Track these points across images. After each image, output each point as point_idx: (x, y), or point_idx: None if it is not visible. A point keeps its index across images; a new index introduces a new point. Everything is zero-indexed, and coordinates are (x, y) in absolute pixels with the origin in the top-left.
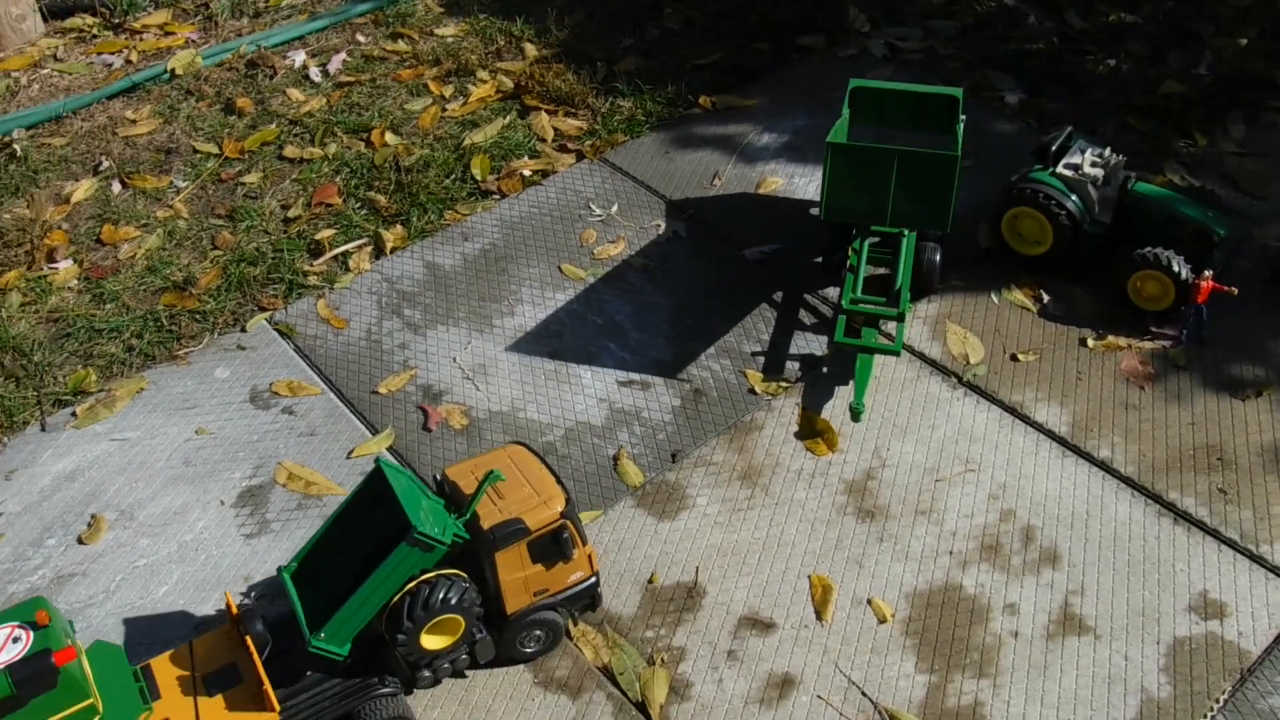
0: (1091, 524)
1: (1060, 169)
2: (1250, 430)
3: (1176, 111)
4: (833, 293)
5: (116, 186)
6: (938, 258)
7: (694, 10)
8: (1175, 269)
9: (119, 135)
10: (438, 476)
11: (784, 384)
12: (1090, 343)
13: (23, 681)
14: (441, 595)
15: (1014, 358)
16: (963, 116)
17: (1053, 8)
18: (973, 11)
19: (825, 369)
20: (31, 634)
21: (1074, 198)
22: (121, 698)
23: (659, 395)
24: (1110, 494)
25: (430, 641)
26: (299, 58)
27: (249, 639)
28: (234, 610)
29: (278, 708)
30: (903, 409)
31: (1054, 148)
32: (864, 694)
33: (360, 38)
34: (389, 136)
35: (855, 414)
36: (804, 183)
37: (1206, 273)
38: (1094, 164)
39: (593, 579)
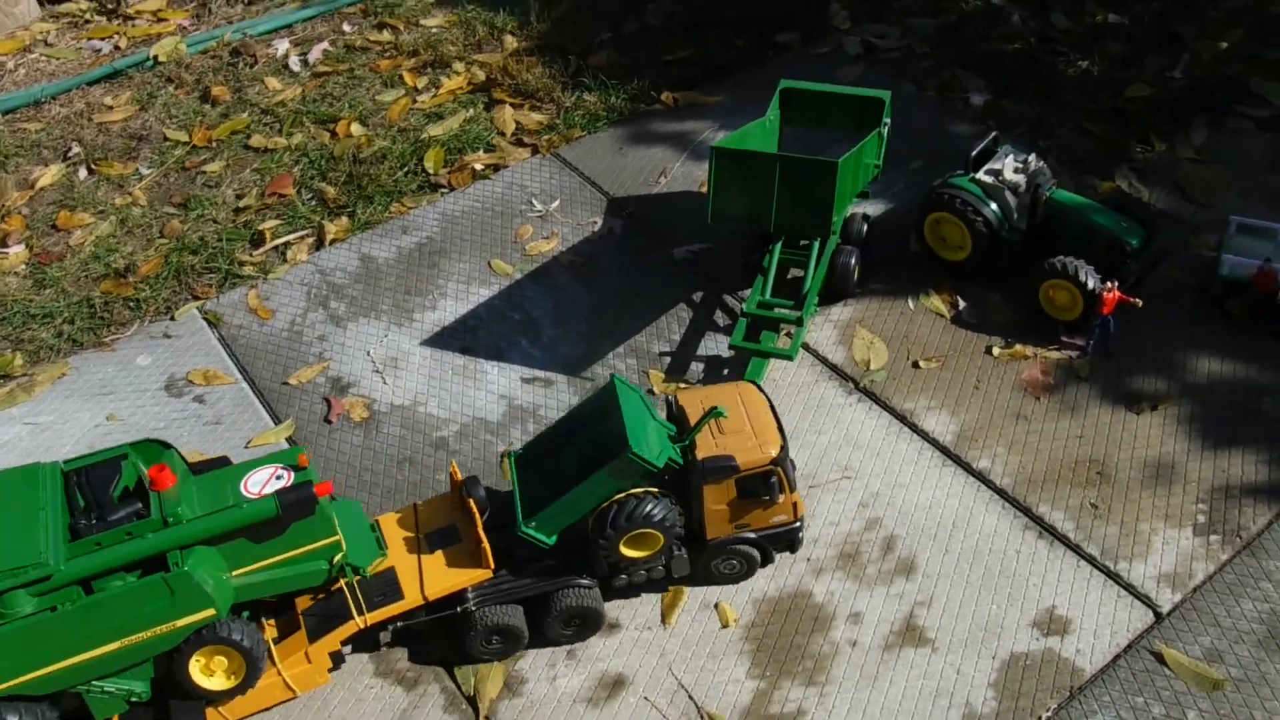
0: (955, 535)
1: (981, 175)
2: (1137, 445)
3: (1140, 115)
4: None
5: (83, 173)
6: (853, 261)
7: (678, 4)
8: (1083, 279)
9: (94, 121)
10: (670, 399)
11: (684, 384)
12: (996, 351)
13: (287, 505)
14: (646, 511)
15: (916, 364)
16: (886, 120)
17: (1039, 7)
18: (957, 9)
19: (726, 371)
20: (293, 474)
21: (992, 205)
22: (361, 543)
23: (559, 393)
24: (981, 506)
25: (630, 550)
26: (283, 46)
27: (471, 501)
28: (458, 477)
29: (492, 566)
30: (794, 413)
31: (974, 153)
32: (690, 697)
33: (346, 27)
34: (355, 128)
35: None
36: None
37: (1110, 284)
38: (1016, 170)
39: (795, 524)
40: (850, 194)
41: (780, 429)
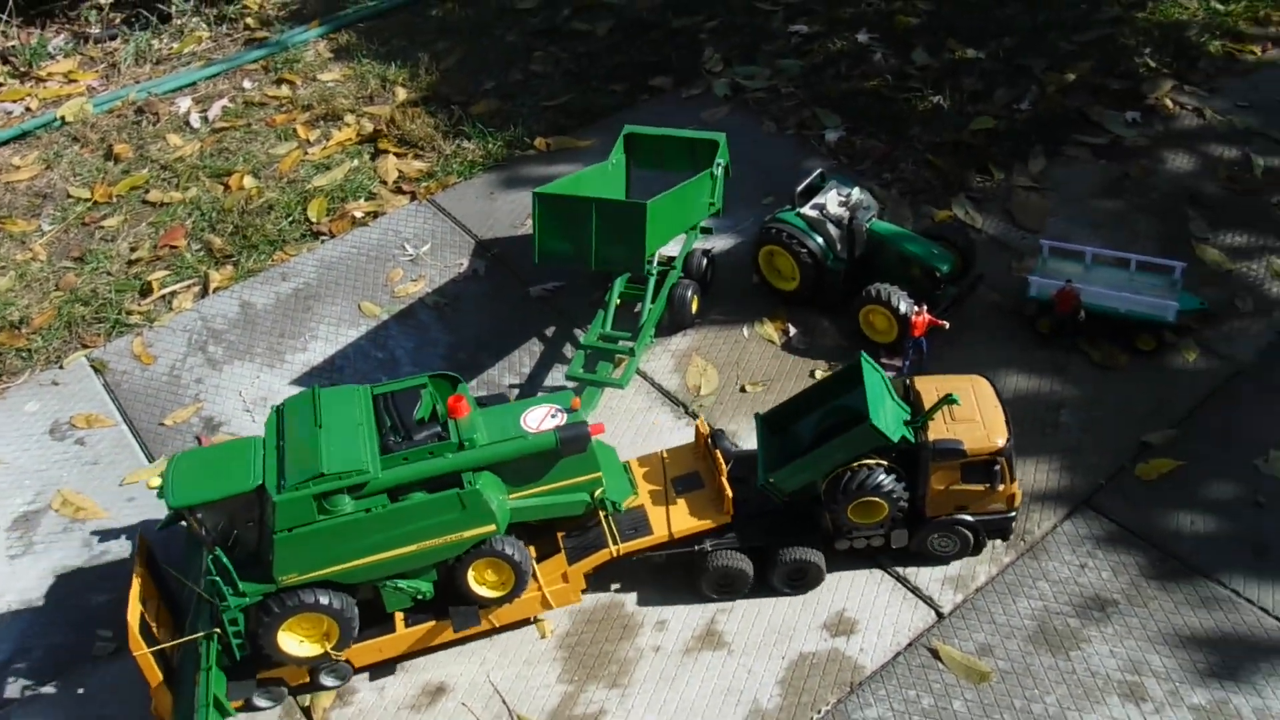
0: None
1: (806, 210)
2: None
3: (981, 148)
4: None
5: None
6: (690, 294)
7: (564, 53)
8: (895, 303)
9: (1, 181)
10: (908, 383)
11: None
12: (818, 374)
13: (565, 440)
14: (877, 480)
15: (743, 389)
16: (719, 161)
17: (903, 45)
18: (824, 50)
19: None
20: (565, 415)
21: (816, 237)
22: (617, 482)
23: None
24: None
25: (856, 515)
26: (185, 104)
27: (718, 452)
28: (705, 430)
29: (731, 513)
30: (625, 437)
31: (800, 189)
32: (504, 702)
33: (247, 83)
34: (247, 180)
35: None
36: None
37: (920, 308)
38: (840, 204)
39: (1010, 514)
40: (669, 233)
41: (1008, 421)
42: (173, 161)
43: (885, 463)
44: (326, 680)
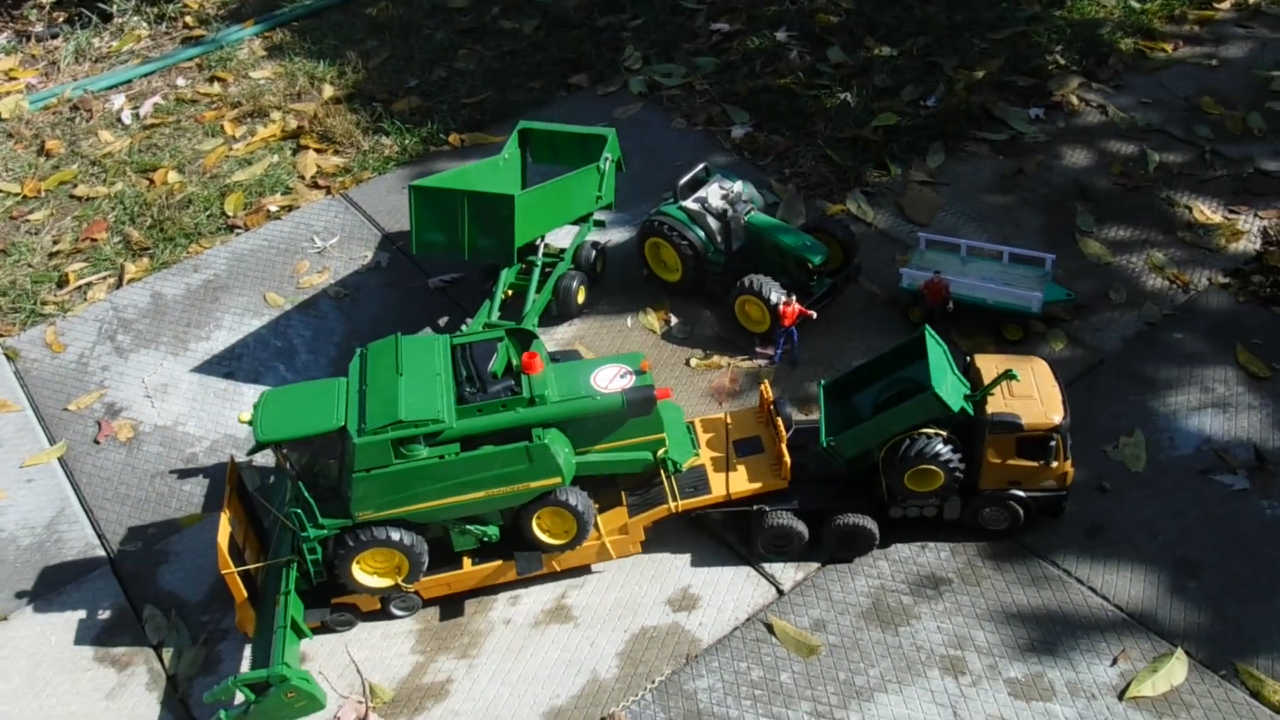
0: None
1: (687, 203)
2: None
3: (881, 143)
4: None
5: None
6: (575, 285)
7: (488, 51)
8: (765, 293)
9: None
10: (968, 358)
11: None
12: (694, 362)
13: (632, 403)
14: (935, 450)
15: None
16: (606, 156)
17: (820, 43)
18: (742, 48)
19: None
20: (634, 376)
21: (697, 230)
22: (680, 442)
23: None
24: None
25: (912, 483)
26: (118, 101)
27: (779, 419)
28: (769, 396)
29: (789, 479)
30: None
31: (682, 182)
32: (358, 671)
33: (180, 81)
34: (172, 175)
35: None
36: None
37: (786, 299)
38: (722, 197)
39: (1062, 492)
40: (547, 224)
41: (1064, 400)
42: (102, 157)
43: (944, 433)
44: (397, 610)
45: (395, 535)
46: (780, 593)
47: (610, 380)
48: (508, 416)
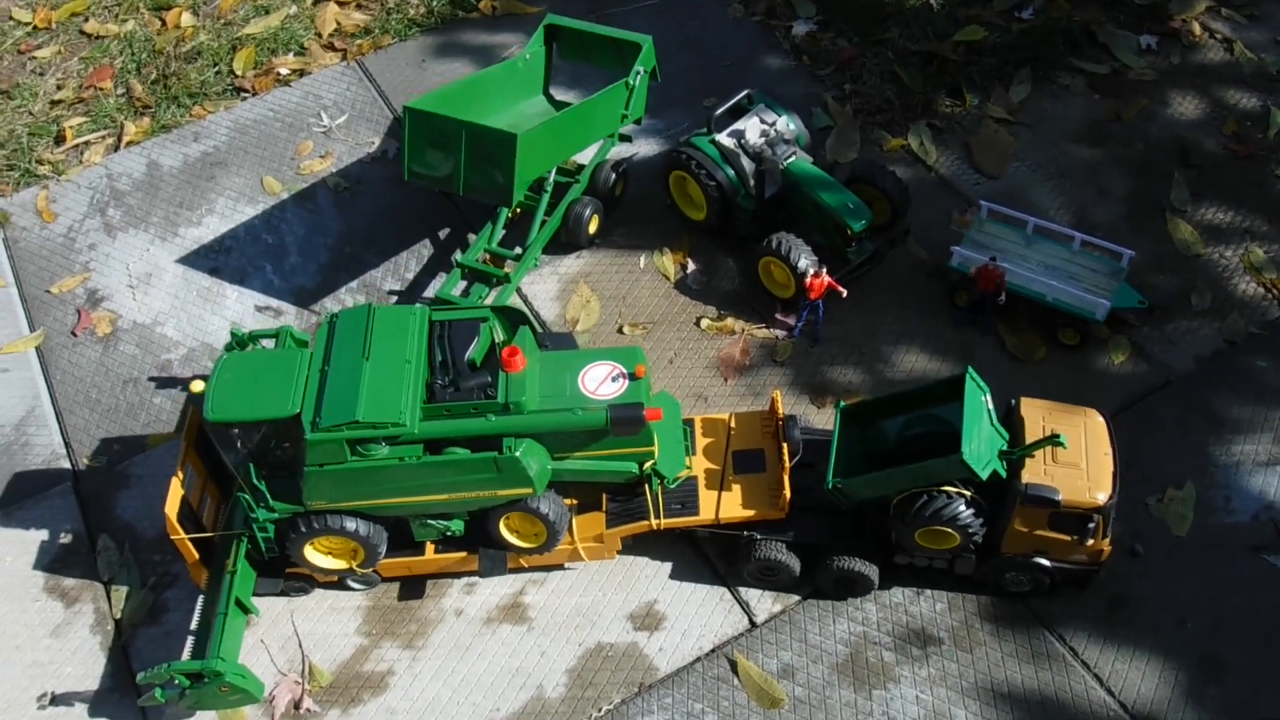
0: None
1: (722, 137)
2: None
3: (959, 64)
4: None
5: None
6: (588, 213)
7: None
8: (794, 260)
9: None
10: (1013, 401)
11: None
12: (705, 323)
13: (617, 421)
14: (955, 513)
15: (621, 330)
16: (638, 69)
17: None
18: None
19: None
20: (628, 382)
21: (728, 169)
22: (671, 450)
23: (285, 323)
24: None
25: (924, 539)
26: None
27: (785, 445)
28: (780, 408)
29: (785, 513)
30: None
31: (718, 112)
32: (300, 646)
33: None
34: (185, 17)
35: None
36: None
37: (815, 270)
38: (761, 134)
39: (1094, 569)
40: (556, 158)
41: (1115, 473)
42: None
43: (967, 493)
44: (354, 585)
45: (350, 525)
46: (753, 625)
47: (600, 383)
48: (477, 423)
